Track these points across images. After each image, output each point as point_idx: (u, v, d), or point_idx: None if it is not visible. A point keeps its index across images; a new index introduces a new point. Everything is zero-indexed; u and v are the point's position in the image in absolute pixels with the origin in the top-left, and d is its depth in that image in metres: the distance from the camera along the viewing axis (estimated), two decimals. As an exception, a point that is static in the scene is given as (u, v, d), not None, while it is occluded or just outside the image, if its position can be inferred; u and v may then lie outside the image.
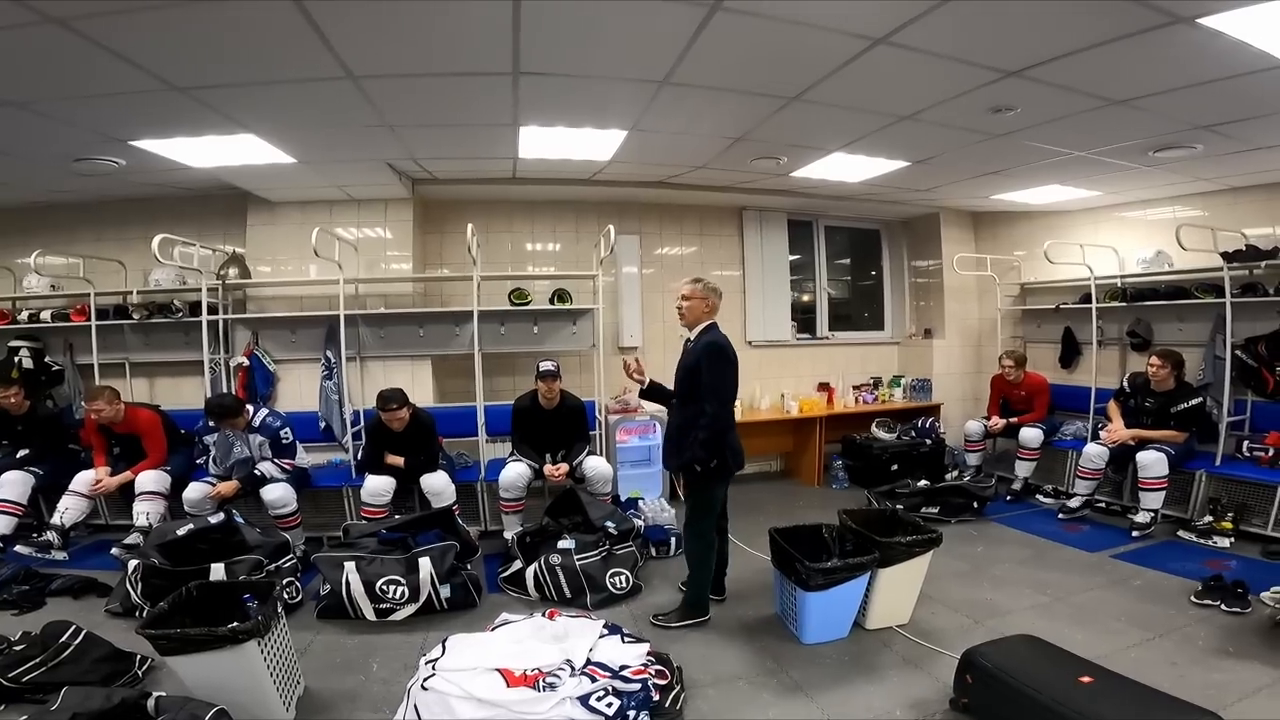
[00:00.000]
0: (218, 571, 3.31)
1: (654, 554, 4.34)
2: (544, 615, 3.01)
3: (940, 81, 3.25)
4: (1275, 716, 2.48)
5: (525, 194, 5.81)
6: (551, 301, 5.55)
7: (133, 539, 4.10)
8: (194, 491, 4.20)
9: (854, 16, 2.61)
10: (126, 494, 4.39)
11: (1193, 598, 3.48)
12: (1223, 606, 3.35)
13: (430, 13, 2.56)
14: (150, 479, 4.35)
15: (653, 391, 3.69)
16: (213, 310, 5.02)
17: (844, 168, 4.97)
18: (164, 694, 2.32)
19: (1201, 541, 4.35)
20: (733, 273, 6.73)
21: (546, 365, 4.57)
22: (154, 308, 5.18)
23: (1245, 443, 4.81)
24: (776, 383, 6.58)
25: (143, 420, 4.55)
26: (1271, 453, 4.57)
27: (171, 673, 2.51)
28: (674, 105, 3.61)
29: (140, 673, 2.85)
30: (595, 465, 4.59)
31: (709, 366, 3.24)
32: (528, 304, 5.48)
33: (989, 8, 2.49)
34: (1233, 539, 4.30)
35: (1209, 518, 4.44)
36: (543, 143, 4.29)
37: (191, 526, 3.68)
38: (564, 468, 4.51)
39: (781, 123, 3.91)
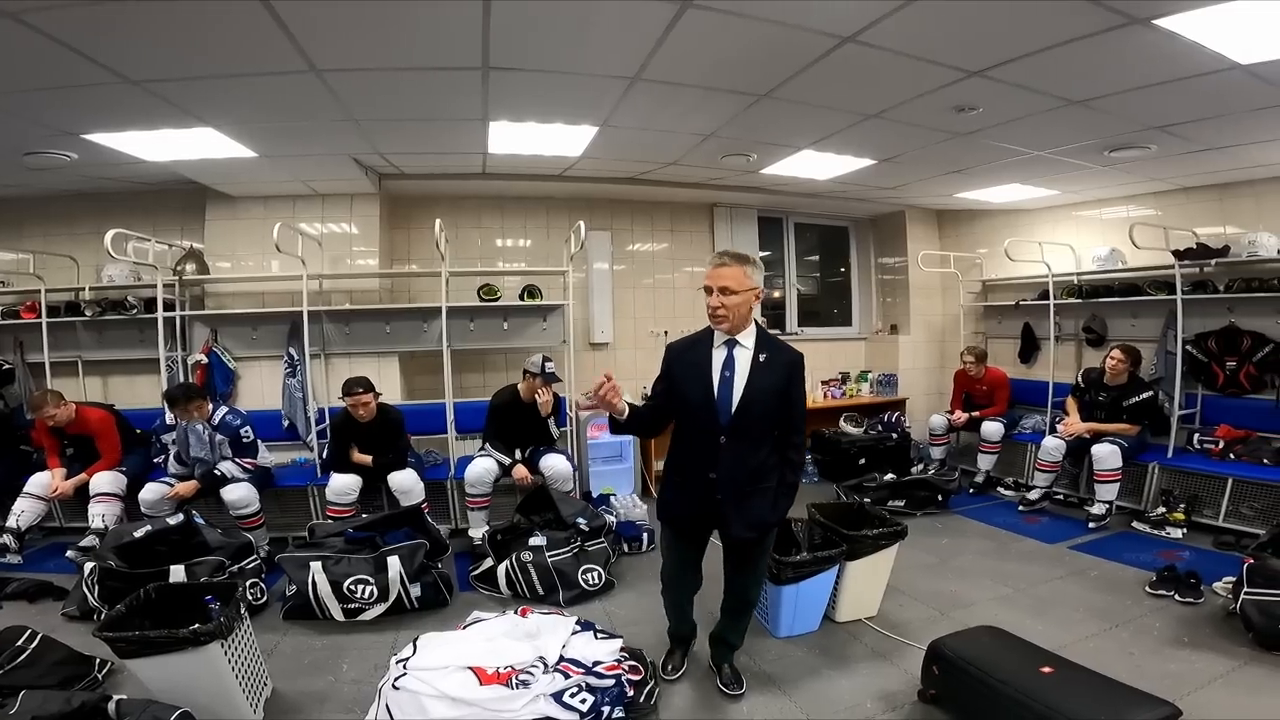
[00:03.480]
0: (178, 573, 3.21)
1: (626, 550, 4.34)
2: (516, 613, 2.98)
3: (906, 80, 3.30)
4: (1231, 706, 2.54)
5: (495, 189, 5.76)
6: (521, 297, 5.51)
7: (88, 541, 3.96)
8: (151, 492, 4.07)
9: (822, 15, 2.63)
10: (81, 496, 4.25)
11: (1147, 588, 3.58)
12: (1176, 597, 3.44)
13: (397, 5, 2.51)
14: (105, 480, 4.23)
15: (632, 420, 2.55)
16: (169, 307, 4.90)
17: (813, 165, 5.02)
18: (125, 697, 2.27)
19: (1155, 532, 4.49)
20: (703, 269, 6.72)
21: (552, 368, 4.46)
22: (107, 304, 5.01)
23: (1196, 435, 4.98)
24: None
25: (95, 421, 4.41)
26: (1221, 445, 4.74)
27: (133, 676, 2.46)
28: (645, 102, 3.61)
29: (100, 676, 2.78)
30: (554, 464, 4.51)
31: (800, 385, 2.57)
32: (497, 300, 5.43)
33: (953, 8, 2.53)
34: (1185, 530, 4.43)
35: (1162, 509, 4.59)
36: (513, 138, 4.25)
37: (149, 528, 3.58)
38: (521, 469, 4.47)
39: (751, 120, 3.93)
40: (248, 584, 3.37)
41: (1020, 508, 5.17)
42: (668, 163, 5.05)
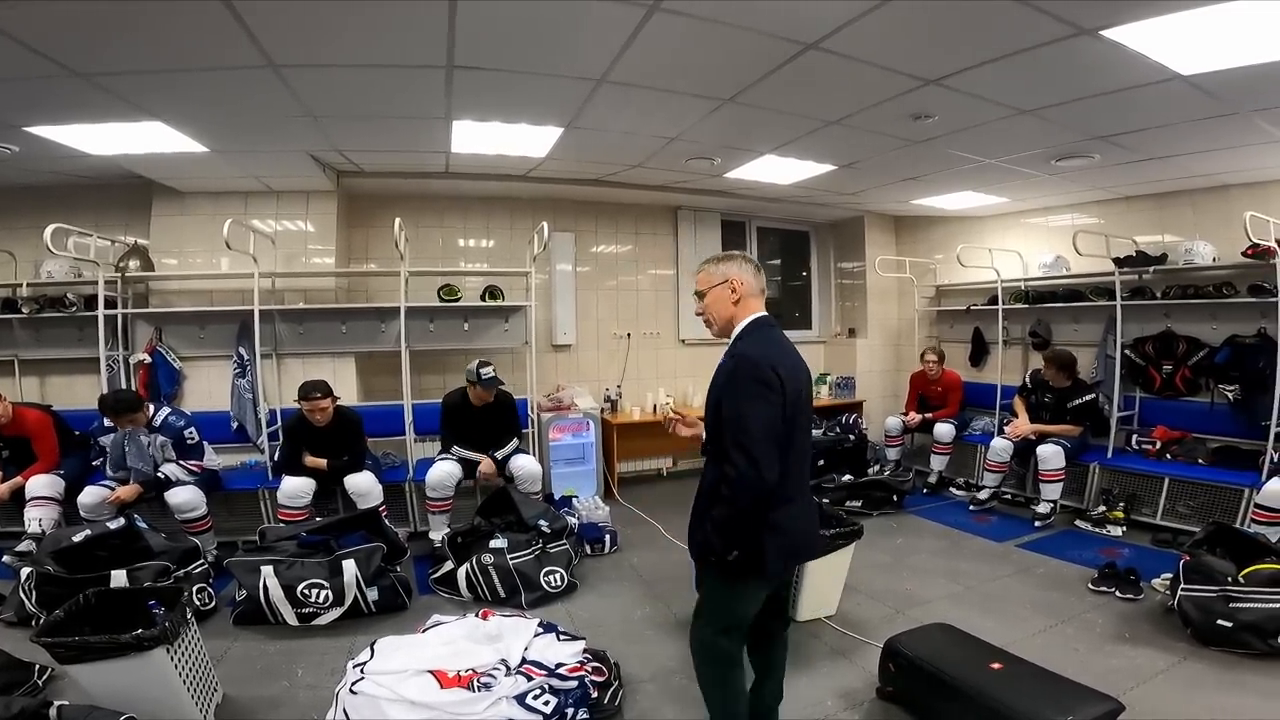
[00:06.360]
0: (119, 578, 3.11)
1: (589, 552, 4.33)
2: (477, 615, 2.96)
3: (865, 87, 3.37)
4: (1171, 700, 2.63)
5: (458, 189, 5.69)
6: (483, 298, 5.45)
7: (25, 546, 3.80)
8: (90, 496, 3.93)
9: (787, 20, 2.67)
10: (17, 499, 4.05)
11: (1090, 585, 3.70)
12: (1117, 594, 3.57)
13: (360, 4, 2.47)
14: (42, 484, 4.04)
15: None
16: (111, 304, 4.70)
17: (775, 170, 5.08)
18: (66, 703, 2.18)
19: (1096, 530, 4.66)
20: (667, 271, 6.81)
21: (489, 372, 4.40)
22: (46, 301, 4.80)
23: (1134, 436, 5.19)
24: (709, 380, 6.63)
25: (32, 422, 4.20)
26: (1158, 446, 4.95)
27: (74, 682, 2.37)
28: (611, 104, 3.61)
29: (40, 682, 2.70)
30: (524, 464, 4.53)
31: (732, 393, 2.02)
32: (458, 300, 5.36)
33: (912, 16, 2.59)
34: (1125, 528, 4.62)
35: (1103, 507, 4.77)
36: (477, 137, 4.20)
37: (88, 532, 3.44)
38: (489, 462, 4.44)
39: (716, 124, 3.97)
40: (194, 589, 3.26)
41: (971, 507, 5.31)
42: (632, 165, 5.06)
